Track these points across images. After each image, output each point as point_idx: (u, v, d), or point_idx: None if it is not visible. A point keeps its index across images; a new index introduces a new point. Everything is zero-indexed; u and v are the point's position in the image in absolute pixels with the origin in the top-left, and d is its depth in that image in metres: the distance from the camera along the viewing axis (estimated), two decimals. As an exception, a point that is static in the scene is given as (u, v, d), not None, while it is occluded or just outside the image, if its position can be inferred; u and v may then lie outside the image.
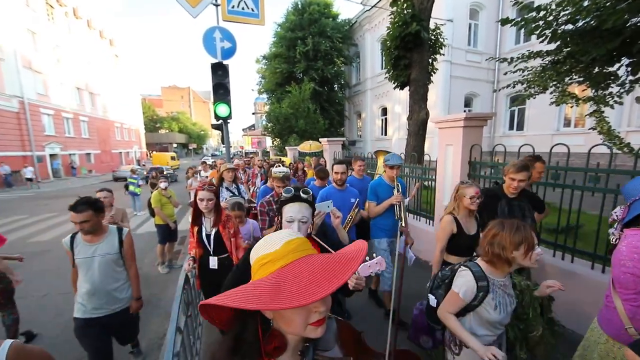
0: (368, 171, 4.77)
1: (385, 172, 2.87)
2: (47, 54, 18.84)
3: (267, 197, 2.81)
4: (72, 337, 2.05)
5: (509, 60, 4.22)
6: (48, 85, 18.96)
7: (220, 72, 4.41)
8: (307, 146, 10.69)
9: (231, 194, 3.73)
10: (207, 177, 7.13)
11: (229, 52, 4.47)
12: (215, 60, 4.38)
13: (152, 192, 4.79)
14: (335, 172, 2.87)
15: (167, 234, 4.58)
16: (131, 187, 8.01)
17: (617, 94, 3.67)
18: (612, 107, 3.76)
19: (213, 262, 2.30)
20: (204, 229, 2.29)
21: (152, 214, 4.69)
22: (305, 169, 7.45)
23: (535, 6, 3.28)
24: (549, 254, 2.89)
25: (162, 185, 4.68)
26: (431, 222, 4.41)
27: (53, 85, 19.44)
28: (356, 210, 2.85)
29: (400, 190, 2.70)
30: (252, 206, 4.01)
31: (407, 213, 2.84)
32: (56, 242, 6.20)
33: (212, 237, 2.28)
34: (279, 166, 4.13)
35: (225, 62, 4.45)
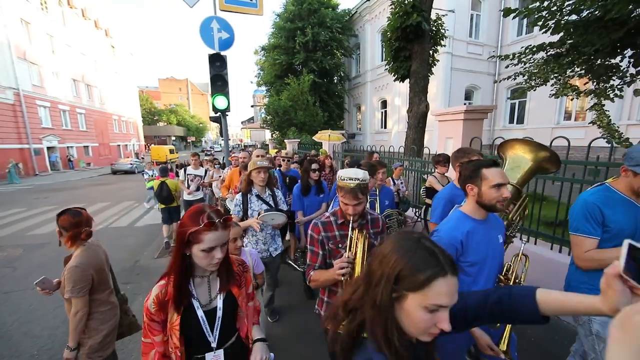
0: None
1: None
2: (41, 45, 18.51)
3: (326, 215, 1.62)
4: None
5: (511, 56, 4.18)
6: (43, 76, 18.69)
7: (218, 64, 4.35)
8: (326, 136, 8.70)
9: (266, 206, 2.52)
10: (196, 177, 5.31)
11: (227, 43, 4.40)
12: (212, 51, 4.32)
13: (164, 180, 5.09)
14: (495, 185, 1.30)
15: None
16: (149, 184, 7.77)
17: (618, 86, 3.65)
18: (612, 100, 3.74)
19: None
20: (196, 304, 1.11)
21: (168, 201, 5.04)
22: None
23: (539, -4, 3.22)
24: (547, 247, 2.91)
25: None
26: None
27: (48, 77, 19.18)
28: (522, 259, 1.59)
29: None
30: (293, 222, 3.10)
31: None
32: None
33: (219, 312, 1.14)
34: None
35: (223, 53, 4.39)
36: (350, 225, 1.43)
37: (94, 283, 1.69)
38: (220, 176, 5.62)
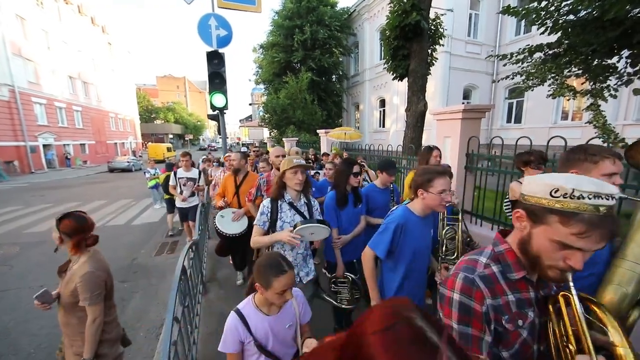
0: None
1: None
2: (37, 41, 18.31)
3: (481, 262, 0.88)
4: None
5: (509, 55, 4.19)
6: (39, 73, 18.51)
7: (216, 61, 4.33)
8: (341, 134, 7.22)
9: (299, 217, 1.98)
10: (188, 180, 4.61)
11: (225, 40, 4.38)
12: (210, 49, 4.30)
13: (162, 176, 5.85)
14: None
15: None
16: (150, 182, 7.87)
17: (614, 86, 3.67)
18: (606, 100, 3.77)
19: None
20: None
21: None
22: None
23: (537, -5, 3.23)
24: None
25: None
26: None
27: (44, 74, 18.98)
28: None
29: None
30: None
31: None
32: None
33: None
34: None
35: (221, 50, 4.37)
36: (574, 294, 0.74)
37: (107, 289, 1.64)
38: (217, 175, 5.33)
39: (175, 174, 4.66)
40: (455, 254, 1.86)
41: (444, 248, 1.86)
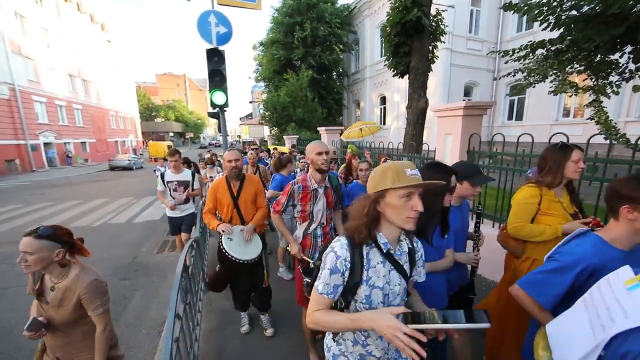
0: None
1: None
2: (36, 39, 18.27)
3: None
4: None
5: (510, 52, 4.15)
6: (39, 71, 18.49)
7: (216, 59, 4.30)
8: (355, 132, 6.34)
9: (397, 276, 1.02)
10: (180, 184, 3.78)
11: (225, 38, 4.35)
12: (210, 46, 4.27)
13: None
14: None
15: None
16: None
17: (616, 83, 3.64)
18: (608, 97, 3.74)
19: None
20: None
21: None
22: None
23: (539, -9, 3.20)
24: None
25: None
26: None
27: (44, 72, 18.97)
28: None
29: None
30: None
31: None
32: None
33: None
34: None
35: (221, 48, 4.34)
36: None
37: None
38: (211, 177, 4.72)
39: (162, 176, 3.72)
40: None
41: None
